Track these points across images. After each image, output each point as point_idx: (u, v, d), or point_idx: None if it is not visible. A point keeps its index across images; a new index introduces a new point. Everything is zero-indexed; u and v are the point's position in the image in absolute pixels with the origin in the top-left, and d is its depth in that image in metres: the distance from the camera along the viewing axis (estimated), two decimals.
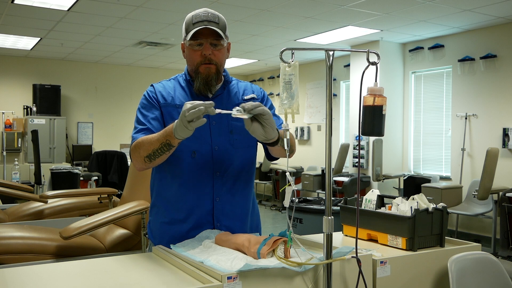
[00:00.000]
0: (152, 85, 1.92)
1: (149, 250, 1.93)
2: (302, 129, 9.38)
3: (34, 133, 5.41)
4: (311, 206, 4.13)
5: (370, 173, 7.36)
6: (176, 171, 1.82)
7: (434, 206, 1.96)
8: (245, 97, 1.93)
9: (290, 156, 1.71)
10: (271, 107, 1.94)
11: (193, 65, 1.84)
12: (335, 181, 7.39)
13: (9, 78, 9.13)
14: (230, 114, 1.57)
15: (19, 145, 8.89)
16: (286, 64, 1.52)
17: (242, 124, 1.79)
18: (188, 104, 1.51)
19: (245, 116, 1.56)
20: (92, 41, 7.67)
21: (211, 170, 1.83)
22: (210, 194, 1.83)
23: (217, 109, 1.53)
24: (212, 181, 1.83)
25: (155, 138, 1.67)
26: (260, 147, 1.96)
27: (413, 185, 6.74)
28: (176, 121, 1.57)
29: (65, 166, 7.23)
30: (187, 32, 1.81)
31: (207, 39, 1.78)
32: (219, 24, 1.79)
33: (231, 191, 1.86)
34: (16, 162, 6.97)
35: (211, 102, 1.51)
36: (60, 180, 6.74)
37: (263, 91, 2.01)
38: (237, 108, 1.54)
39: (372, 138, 7.15)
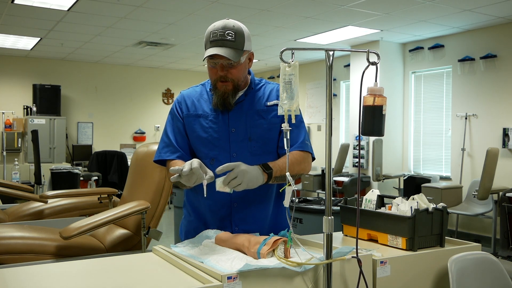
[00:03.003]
0: (181, 93, 2.00)
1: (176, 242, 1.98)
2: None
3: (34, 133, 5.41)
4: (311, 206, 4.13)
5: (370, 173, 7.36)
6: None
7: (434, 206, 1.96)
8: (268, 104, 1.89)
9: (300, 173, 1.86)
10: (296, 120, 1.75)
11: (211, 81, 1.87)
12: (335, 181, 7.39)
13: (9, 78, 9.13)
14: (254, 117, 1.84)
15: (19, 145, 8.89)
16: (286, 64, 1.52)
17: (261, 131, 1.86)
18: (186, 169, 1.57)
19: (227, 190, 1.65)
20: (92, 41, 7.67)
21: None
22: (228, 200, 1.86)
23: (204, 180, 1.61)
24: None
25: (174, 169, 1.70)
26: None
27: (413, 185, 6.74)
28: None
29: (65, 166, 7.23)
30: (205, 48, 1.81)
31: (222, 58, 1.77)
32: (235, 41, 1.76)
33: (248, 196, 1.85)
34: (16, 162, 6.96)
35: (210, 176, 1.61)
36: (60, 180, 6.74)
37: None
38: (220, 179, 1.64)
39: (372, 138, 7.14)
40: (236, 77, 1.82)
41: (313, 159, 1.93)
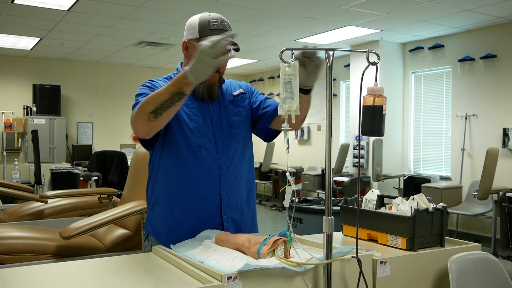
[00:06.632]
0: (151, 80, 1.94)
1: (149, 250, 1.93)
2: (302, 129, 9.37)
3: (34, 133, 5.41)
4: (311, 206, 4.13)
5: (370, 173, 7.36)
6: (183, 167, 1.85)
7: (434, 206, 1.95)
8: (234, 93, 1.99)
9: (298, 125, 1.79)
10: (259, 93, 2.05)
11: None
12: (335, 181, 7.39)
13: (9, 78, 9.13)
14: (230, 106, 1.88)
15: (19, 145, 8.89)
16: (286, 64, 1.52)
17: (240, 118, 1.94)
18: (206, 43, 1.48)
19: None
20: (92, 41, 7.67)
21: (217, 165, 1.87)
22: (218, 188, 1.87)
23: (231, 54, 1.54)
24: (219, 175, 1.87)
25: (163, 89, 1.58)
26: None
27: (413, 185, 6.74)
28: (187, 66, 1.51)
29: (65, 166, 7.22)
30: (200, 35, 1.85)
31: None
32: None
33: (235, 183, 1.91)
34: (16, 162, 6.96)
35: (233, 32, 1.55)
36: (60, 180, 6.74)
37: (248, 84, 2.08)
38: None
39: (372, 138, 7.14)
40: (224, 68, 1.90)
41: None
